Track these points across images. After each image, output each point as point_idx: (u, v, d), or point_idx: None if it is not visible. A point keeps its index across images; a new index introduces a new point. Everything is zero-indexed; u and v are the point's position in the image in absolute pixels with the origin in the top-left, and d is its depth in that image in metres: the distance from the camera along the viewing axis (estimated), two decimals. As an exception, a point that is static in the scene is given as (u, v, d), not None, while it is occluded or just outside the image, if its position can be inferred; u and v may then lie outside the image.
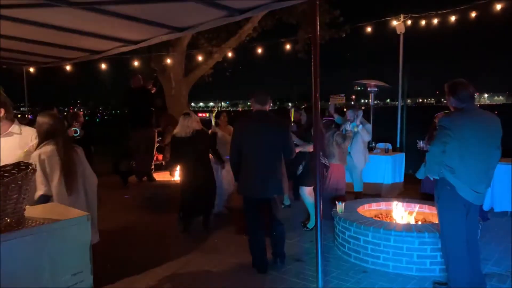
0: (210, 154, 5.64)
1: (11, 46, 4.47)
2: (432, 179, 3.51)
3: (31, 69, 8.99)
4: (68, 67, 10.49)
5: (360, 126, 6.52)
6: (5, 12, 3.22)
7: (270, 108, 4.20)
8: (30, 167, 1.87)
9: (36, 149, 3.10)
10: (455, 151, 3.24)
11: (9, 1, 2.97)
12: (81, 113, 6.33)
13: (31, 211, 2.05)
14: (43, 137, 3.12)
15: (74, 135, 5.48)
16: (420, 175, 3.62)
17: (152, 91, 8.54)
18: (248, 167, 4.04)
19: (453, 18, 8.74)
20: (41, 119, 3.16)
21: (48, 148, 3.07)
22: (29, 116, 9.93)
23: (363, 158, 6.72)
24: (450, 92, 3.41)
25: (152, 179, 8.04)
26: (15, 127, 3.27)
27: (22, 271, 1.77)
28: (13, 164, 1.95)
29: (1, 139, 3.17)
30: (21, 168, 1.89)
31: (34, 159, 2.97)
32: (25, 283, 1.78)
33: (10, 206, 1.78)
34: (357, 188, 6.84)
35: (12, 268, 1.73)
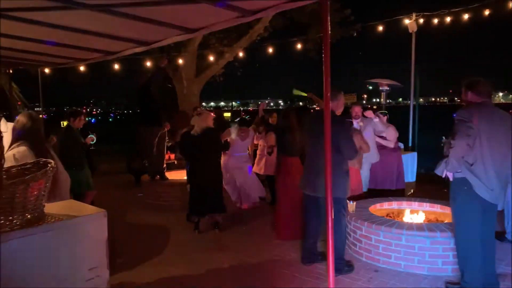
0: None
1: (27, 47, 4.56)
2: (451, 179, 3.38)
3: (46, 70, 9.14)
4: (81, 68, 10.66)
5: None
6: (22, 14, 3.29)
7: (338, 105, 4.02)
8: (49, 164, 1.93)
9: (9, 149, 3.00)
10: (475, 144, 3.20)
11: (24, 3, 3.04)
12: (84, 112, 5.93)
13: (50, 208, 2.11)
14: (17, 137, 3.04)
15: (91, 142, 5.39)
16: (439, 171, 3.46)
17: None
18: (306, 163, 4.24)
19: (466, 16, 8.67)
20: (20, 118, 3.10)
21: (21, 148, 2.98)
22: (43, 116, 10.11)
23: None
24: (469, 87, 3.40)
25: (164, 177, 8.13)
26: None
27: (41, 265, 1.83)
28: (33, 162, 2.02)
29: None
30: (41, 165, 1.95)
31: (8, 159, 2.83)
32: (44, 277, 1.84)
33: (30, 203, 1.84)
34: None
35: (31, 263, 1.79)
